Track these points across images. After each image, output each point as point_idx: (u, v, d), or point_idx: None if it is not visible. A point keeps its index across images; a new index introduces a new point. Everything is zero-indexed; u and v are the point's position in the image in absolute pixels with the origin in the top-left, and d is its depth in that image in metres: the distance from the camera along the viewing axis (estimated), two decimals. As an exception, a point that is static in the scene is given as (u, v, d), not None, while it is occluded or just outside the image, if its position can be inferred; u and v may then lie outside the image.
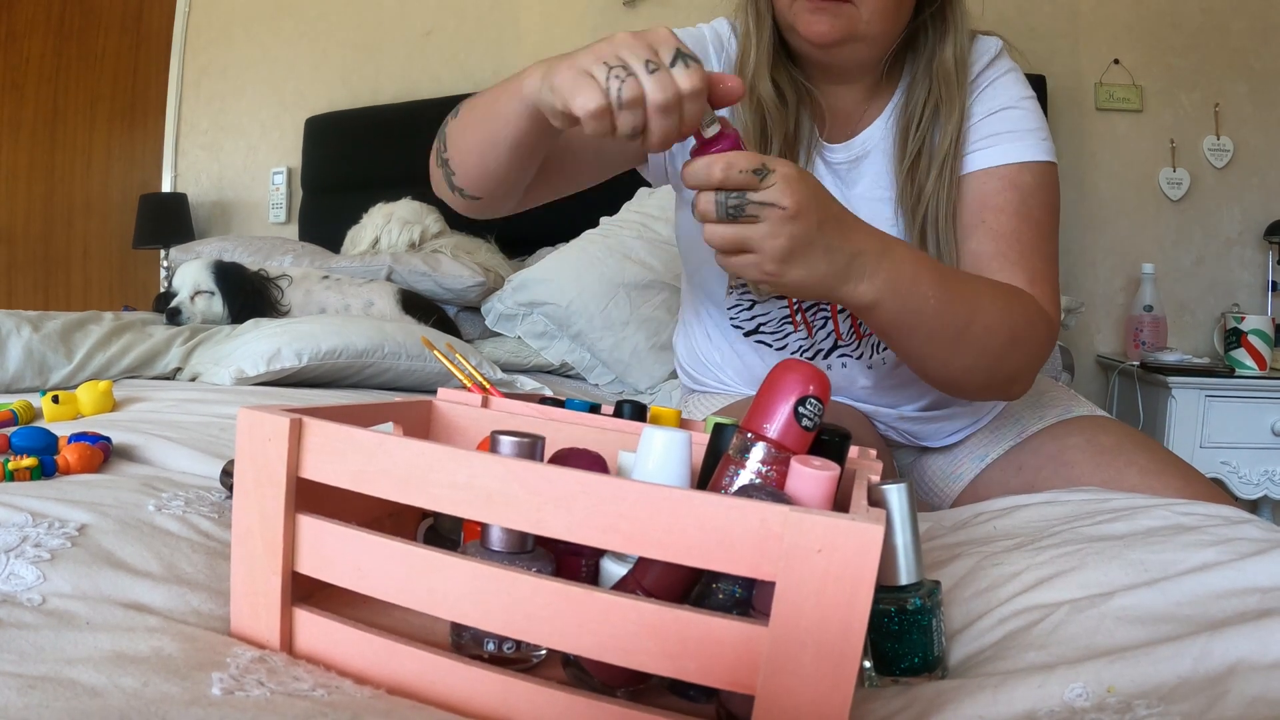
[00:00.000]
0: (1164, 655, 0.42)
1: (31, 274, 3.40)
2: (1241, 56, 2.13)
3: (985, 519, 0.68)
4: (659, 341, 1.68)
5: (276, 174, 2.89)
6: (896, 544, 0.46)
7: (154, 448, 0.80)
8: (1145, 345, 2.04)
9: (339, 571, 0.42)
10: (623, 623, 0.36)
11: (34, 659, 0.38)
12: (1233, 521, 0.59)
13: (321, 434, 0.42)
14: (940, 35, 0.87)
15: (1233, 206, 2.16)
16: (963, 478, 1.00)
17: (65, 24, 3.33)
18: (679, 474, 0.45)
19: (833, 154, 0.92)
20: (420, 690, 0.40)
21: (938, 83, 0.87)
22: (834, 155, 0.92)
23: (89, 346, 1.27)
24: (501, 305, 1.84)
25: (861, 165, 0.92)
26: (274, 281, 1.76)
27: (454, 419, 0.61)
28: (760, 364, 0.99)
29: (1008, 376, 0.82)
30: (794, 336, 0.95)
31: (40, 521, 0.53)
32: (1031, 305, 0.81)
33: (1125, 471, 0.86)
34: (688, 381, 1.15)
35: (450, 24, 2.64)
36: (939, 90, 0.87)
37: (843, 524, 0.32)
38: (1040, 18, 2.19)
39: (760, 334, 0.97)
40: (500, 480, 0.38)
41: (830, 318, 0.93)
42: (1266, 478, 1.84)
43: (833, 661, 0.33)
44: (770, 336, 0.96)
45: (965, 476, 1.00)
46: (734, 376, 1.04)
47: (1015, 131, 0.88)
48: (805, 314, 0.93)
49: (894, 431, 1.02)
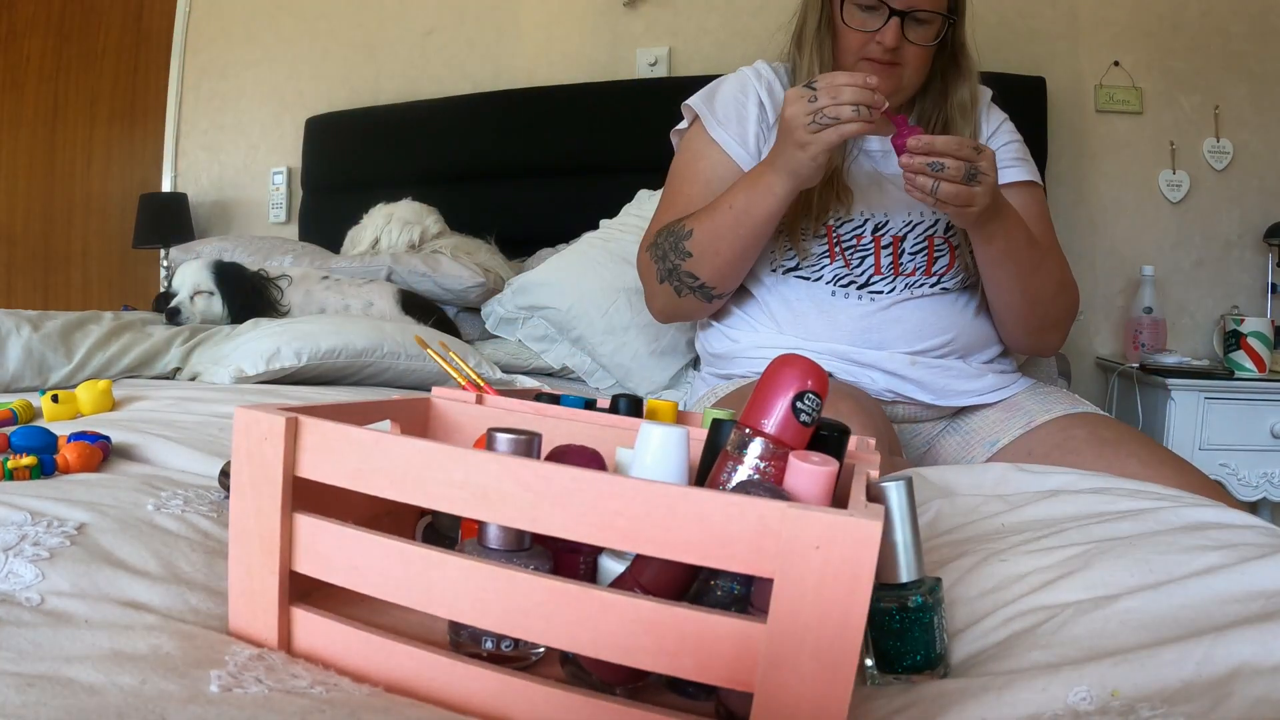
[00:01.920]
0: (1168, 658, 0.42)
1: (31, 273, 3.40)
2: (1241, 59, 2.13)
3: (993, 515, 0.68)
4: (659, 347, 1.67)
5: (276, 174, 2.89)
6: (896, 541, 0.46)
7: (153, 447, 0.79)
8: (1145, 347, 2.04)
9: (336, 570, 0.42)
10: (621, 620, 0.36)
11: (32, 657, 0.38)
12: (1238, 525, 0.60)
13: (318, 433, 0.42)
14: (955, 78, 1.13)
15: (1232, 209, 2.16)
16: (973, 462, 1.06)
17: (65, 23, 3.34)
18: (677, 470, 0.45)
19: (870, 144, 1.15)
20: (418, 688, 0.40)
21: (952, 110, 1.13)
22: (870, 145, 1.15)
23: (88, 346, 1.27)
24: (501, 309, 1.84)
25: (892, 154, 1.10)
26: (274, 282, 1.76)
27: (452, 416, 0.61)
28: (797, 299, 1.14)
29: (1054, 320, 1.13)
30: (829, 268, 1.12)
31: (39, 520, 0.53)
32: (1068, 269, 1.13)
33: (1126, 462, 0.93)
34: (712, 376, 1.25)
35: (450, 24, 2.64)
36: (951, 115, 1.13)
37: (841, 520, 0.32)
38: (1040, 20, 2.20)
39: (800, 270, 1.13)
40: (497, 478, 0.38)
41: (872, 254, 1.12)
42: (1265, 480, 1.84)
43: (831, 658, 0.33)
44: (808, 269, 1.13)
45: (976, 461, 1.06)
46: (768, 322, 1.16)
47: (1024, 160, 1.18)
48: (844, 251, 1.12)
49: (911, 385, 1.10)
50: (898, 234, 1.12)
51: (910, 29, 1.04)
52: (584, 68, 2.45)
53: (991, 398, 1.13)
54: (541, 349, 1.78)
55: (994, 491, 0.74)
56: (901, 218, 1.12)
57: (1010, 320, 1.12)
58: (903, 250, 1.12)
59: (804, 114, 0.91)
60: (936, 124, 1.14)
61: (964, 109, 1.13)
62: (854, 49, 1.07)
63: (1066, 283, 1.12)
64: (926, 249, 1.12)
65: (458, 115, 2.44)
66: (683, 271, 1.10)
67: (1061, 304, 1.12)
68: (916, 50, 1.06)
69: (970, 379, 1.12)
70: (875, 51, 1.05)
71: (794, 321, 1.12)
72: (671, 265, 1.11)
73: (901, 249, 1.12)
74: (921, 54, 1.07)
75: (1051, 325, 1.13)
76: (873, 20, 1.04)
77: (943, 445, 1.13)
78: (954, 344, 1.11)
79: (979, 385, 1.12)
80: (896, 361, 1.08)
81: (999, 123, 1.20)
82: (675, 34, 2.41)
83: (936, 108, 1.14)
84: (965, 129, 1.12)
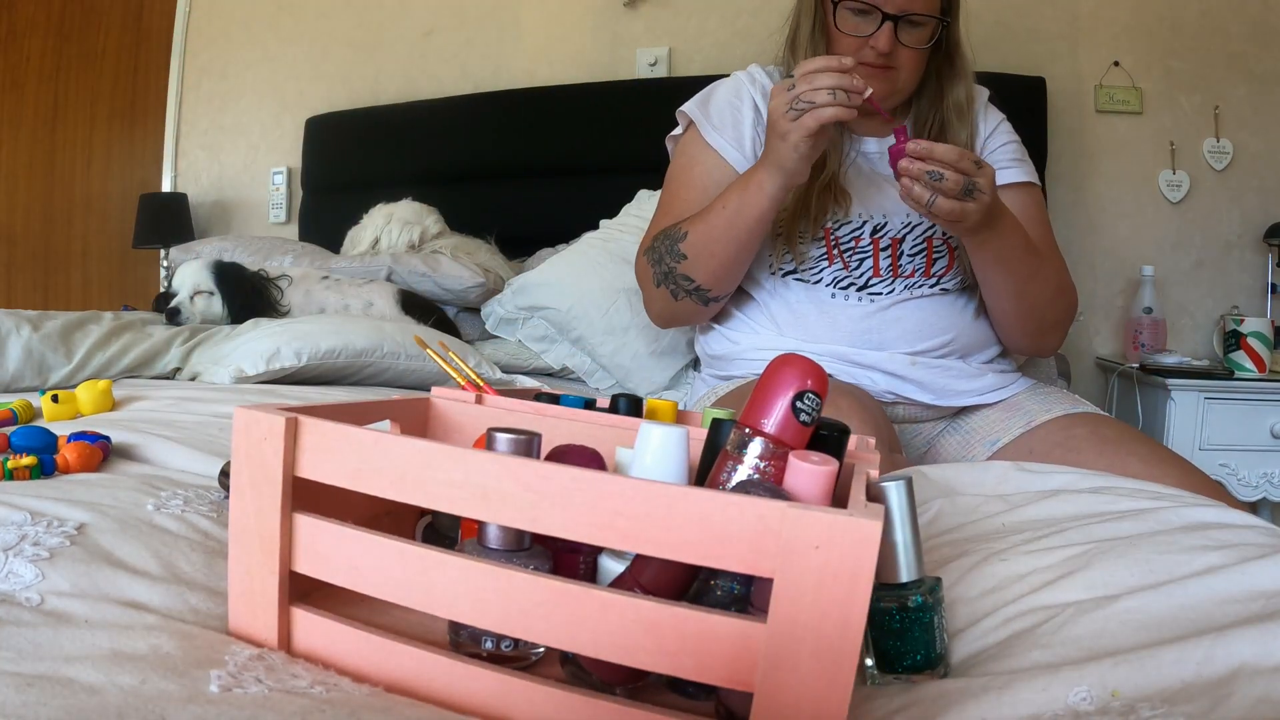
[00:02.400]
0: (1168, 658, 0.42)
1: (31, 273, 3.40)
2: (1241, 59, 2.13)
3: (994, 515, 0.67)
4: (659, 347, 1.67)
5: (276, 174, 2.89)
6: (896, 541, 0.46)
7: (153, 447, 0.79)
8: (1145, 347, 2.04)
9: (336, 570, 0.42)
10: (621, 620, 0.36)
11: (32, 657, 0.38)
12: (1238, 525, 0.59)
13: (317, 432, 0.42)
14: (950, 79, 1.13)
15: (1232, 209, 2.16)
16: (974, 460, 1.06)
17: (65, 23, 3.33)
18: (677, 470, 0.45)
19: (867, 145, 1.16)
20: (418, 688, 0.40)
21: (948, 112, 1.13)
22: (868, 147, 1.16)
23: (88, 346, 1.27)
24: (502, 309, 1.83)
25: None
26: (274, 282, 1.76)
27: (452, 416, 0.61)
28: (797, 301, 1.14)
29: (1051, 323, 1.13)
30: (828, 270, 1.12)
31: (39, 520, 0.53)
32: (1066, 272, 1.14)
33: (1128, 460, 0.93)
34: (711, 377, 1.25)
35: (450, 24, 2.64)
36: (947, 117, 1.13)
37: (841, 520, 0.32)
38: (1040, 20, 2.20)
39: (798, 273, 1.13)
40: (497, 478, 0.38)
41: (870, 255, 1.11)
42: (1265, 480, 1.84)
43: (831, 658, 0.33)
44: (807, 273, 1.13)
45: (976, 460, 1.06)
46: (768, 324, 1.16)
47: (1021, 161, 1.18)
48: (843, 253, 1.12)
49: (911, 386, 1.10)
50: (896, 235, 1.12)
51: (904, 32, 1.03)
52: (584, 68, 2.45)
53: (992, 398, 1.13)
54: (541, 349, 1.78)
55: (994, 491, 0.74)
56: (900, 219, 1.12)
57: (1006, 323, 1.12)
58: (901, 252, 1.12)
59: (784, 104, 0.91)
60: (933, 126, 1.13)
61: (960, 110, 1.12)
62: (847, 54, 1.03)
63: (1064, 286, 1.12)
64: (925, 250, 1.12)
65: (458, 115, 2.44)
66: (678, 274, 1.10)
67: (1059, 307, 1.12)
68: (910, 53, 1.05)
69: (970, 379, 1.12)
70: (869, 56, 1.04)
71: (794, 323, 1.12)
72: (667, 268, 1.11)
73: (900, 250, 1.12)
74: (916, 57, 1.06)
75: (1049, 328, 1.13)
76: (866, 25, 1.04)
77: (943, 445, 1.14)
78: (954, 344, 1.11)
79: (979, 385, 1.12)
80: (897, 362, 1.08)
81: (996, 123, 1.20)
82: (675, 34, 2.41)
83: (933, 109, 1.14)
84: (962, 130, 1.12)
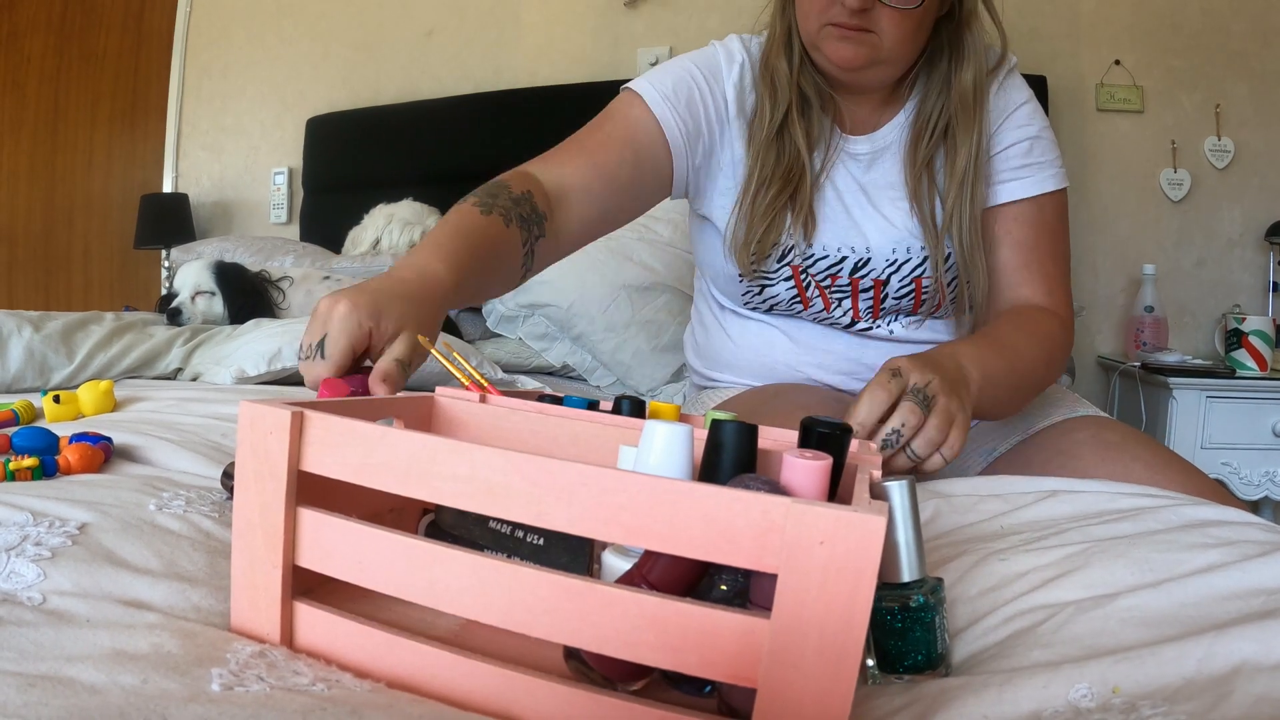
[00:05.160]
0: (1169, 656, 0.42)
1: (32, 274, 3.40)
2: (1242, 58, 2.13)
3: (993, 516, 0.67)
4: (660, 344, 1.68)
5: (278, 174, 2.89)
6: (898, 540, 0.46)
7: (155, 448, 0.79)
8: (1146, 346, 2.04)
9: (339, 565, 0.42)
10: (624, 615, 0.36)
11: (34, 657, 0.38)
12: (1238, 523, 0.59)
13: (323, 426, 0.42)
14: (958, 59, 0.95)
15: (1234, 207, 2.16)
16: (969, 471, 1.01)
17: (66, 24, 3.34)
18: (681, 468, 0.45)
19: (856, 146, 1.01)
20: (421, 684, 0.40)
21: (954, 103, 0.95)
22: (857, 148, 1.01)
23: (90, 347, 1.27)
24: (503, 307, 1.84)
25: (883, 157, 1.01)
26: (275, 284, 1.76)
27: (456, 415, 0.61)
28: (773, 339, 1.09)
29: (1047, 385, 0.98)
30: (806, 314, 1.05)
31: (41, 520, 0.53)
32: (1053, 323, 0.94)
33: (1131, 466, 0.88)
34: (698, 379, 1.21)
35: (451, 24, 2.64)
36: (954, 110, 0.95)
37: (845, 516, 0.32)
38: (1041, 19, 2.20)
39: (772, 313, 1.08)
40: (502, 472, 0.38)
41: (850, 296, 1.03)
42: (1267, 479, 1.84)
43: (835, 654, 0.33)
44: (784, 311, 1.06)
45: (972, 470, 1.01)
46: (749, 358, 1.11)
47: (1041, 164, 0.98)
48: (823, 289, 1.02)
49: None
50: (879, 277, 1.00)
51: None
52: (585, 68, 2.45)
53: None
54: (542, 347, 1.78)
55: (992, 491, 0.74)
56: (884, 256, 0.99)
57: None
58: (886, 294, 1.01)
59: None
60: (938, 127, 0.96)
61: (965, 101, 0.94)
62: (815, 12, 0.91)
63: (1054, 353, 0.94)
64: (914, 291, 1.01)
65: (458, 115, 2.44)
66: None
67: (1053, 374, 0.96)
68: (894, 15, 0.88)
69: None
70: (838, 15, 0.88)
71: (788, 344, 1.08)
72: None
73: (885, 294, 1.01)
74: (902, 20, 0.88)
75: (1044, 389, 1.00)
76: None
77: None
78: None
79: None
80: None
81: (1011, 110, 0.98)
82: (676, 34, 2.41)
83: (941, 100, 0.96)
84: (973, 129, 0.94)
